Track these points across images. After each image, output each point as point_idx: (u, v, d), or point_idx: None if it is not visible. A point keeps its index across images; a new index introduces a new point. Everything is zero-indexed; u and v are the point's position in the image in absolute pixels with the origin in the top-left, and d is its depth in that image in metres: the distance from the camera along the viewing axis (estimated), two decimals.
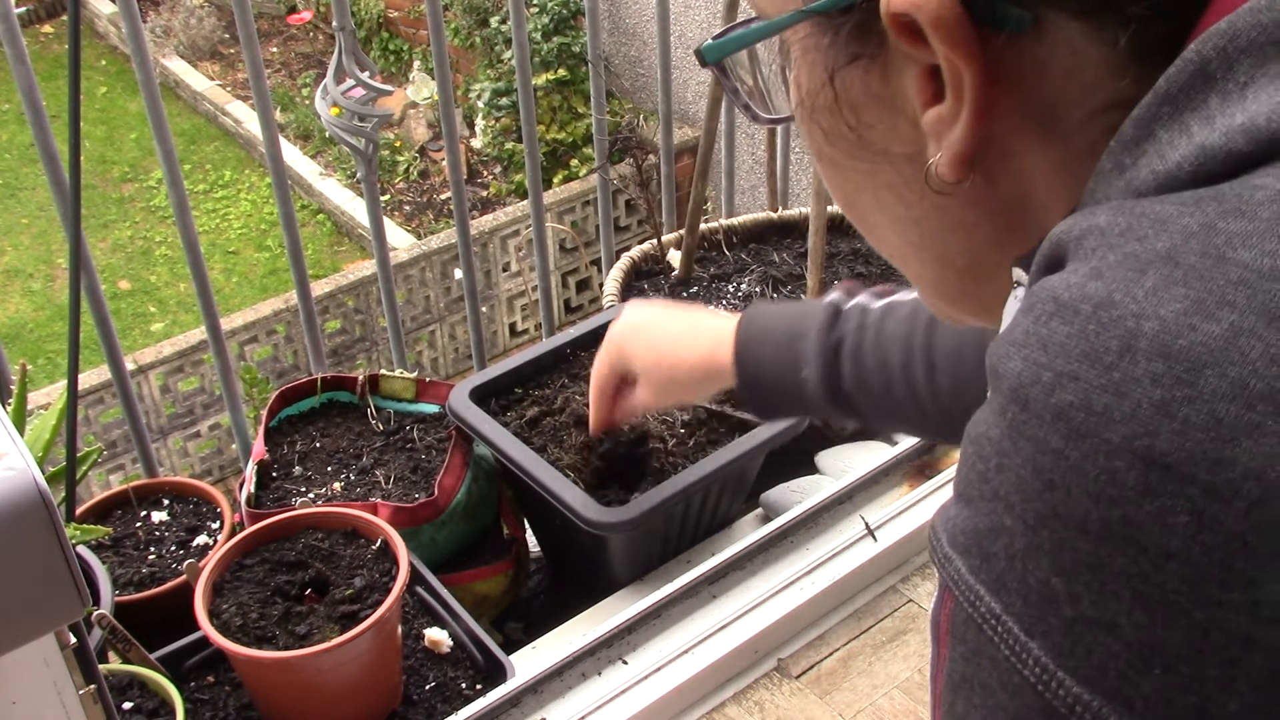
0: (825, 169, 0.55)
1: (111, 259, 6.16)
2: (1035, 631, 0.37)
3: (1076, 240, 0.40)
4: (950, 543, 0.41)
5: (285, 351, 4.93)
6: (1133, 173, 0.41)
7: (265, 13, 7.61)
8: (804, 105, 0.52)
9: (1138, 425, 0.35)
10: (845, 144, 0.51)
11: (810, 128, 0.53)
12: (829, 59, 0.49)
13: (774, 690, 1.35)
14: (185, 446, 4.75)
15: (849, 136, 0.50)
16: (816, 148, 0.54)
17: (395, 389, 1.63)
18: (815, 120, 0.52)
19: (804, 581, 1.42)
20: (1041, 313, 0.38)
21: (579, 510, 1.36)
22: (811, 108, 0.51)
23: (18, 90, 1.44)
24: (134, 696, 1.23)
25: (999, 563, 0.38)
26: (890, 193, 0.51)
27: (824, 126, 0.51)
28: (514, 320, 5.48)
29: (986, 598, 0.39)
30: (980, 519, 0.39)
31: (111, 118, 7.14)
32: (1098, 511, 0.35)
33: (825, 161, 0.54)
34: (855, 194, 0.54)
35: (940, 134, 0.46)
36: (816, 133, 0.52)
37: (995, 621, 0.38)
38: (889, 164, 0.50)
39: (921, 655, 1.38)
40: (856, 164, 0.52)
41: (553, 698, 1.30)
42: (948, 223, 0.50)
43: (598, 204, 2.27)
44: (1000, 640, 0.38)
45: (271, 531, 1.30)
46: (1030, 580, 0.37)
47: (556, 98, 5.76)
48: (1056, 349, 0.37)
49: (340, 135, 1.76)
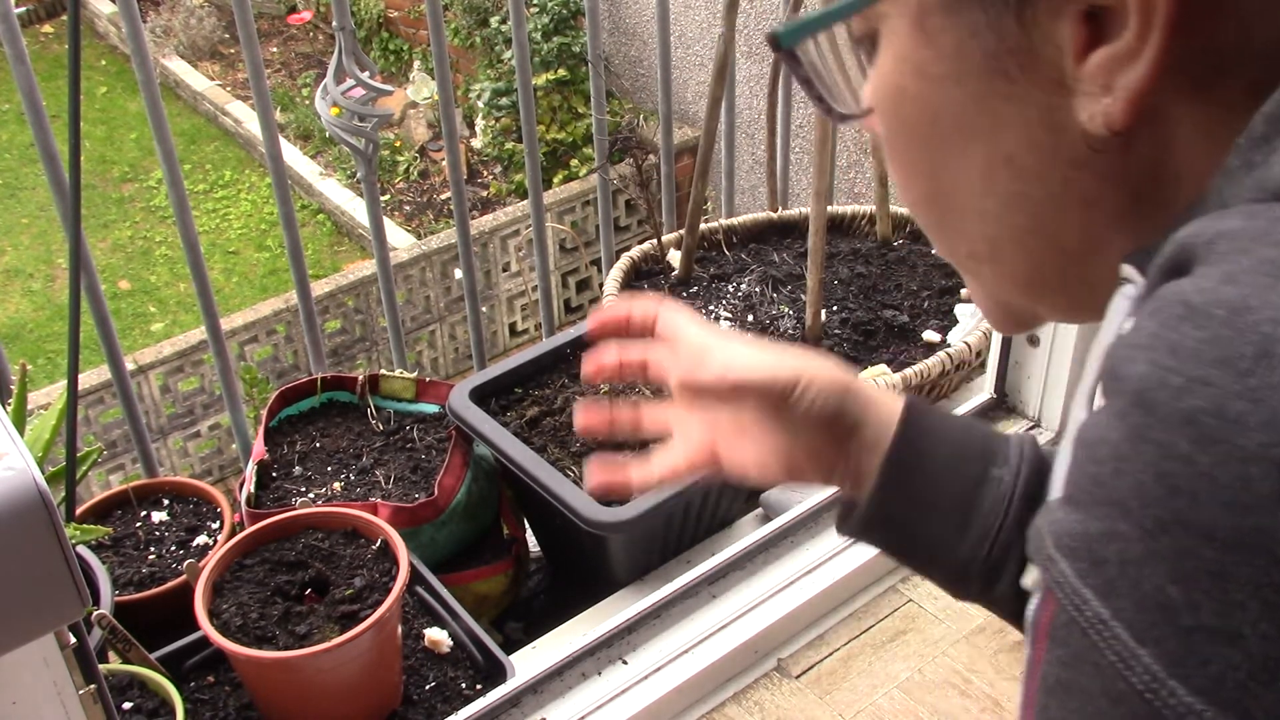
0: (916, 153, 0.51)
1: (111, 259, 6.16)
2: (1147, 639, 0.36)
3: (1207, 244, 0.39)
4: (1056, 545, 0.40)
5: (285, 351, 4.93)
6: (1263, 171, 0.40)
7: (265, 13, 7.61)
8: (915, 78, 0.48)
9: (1274, 432, 0.34)
10: (964, 113, 0.48)
11: (913, 105, 0.49)
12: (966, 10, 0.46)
13: (774, 690, 1.35)
14: (185, 446, 4.75)
15: (975, 99, 0.47)
16: (914, 127, 0.50)
17: (395, 389, 1.63)
18: (926, 93, 0.48)
19: (804, 581, 1.42)
20: (1170, 316, 0.37)
21: (579, 510, 1.36)
22: (930, 76, 0.48)
23: (18, 90, 1.44)
24: (134, 696, 1.23)
25: (1110, 568, 0.37)
26: (1008, 168, 0.48)
27: (937, 96, 0.48)
28: (514, 320, 5.47)
29: (1094, 602, 0.38)
30: (1092, 523, 0.38)
31: (111, 118, 7.14)
32: (1228, 519, 0.34)
33: (921, 142, 0.50)
34: (955, 177, 0.50)
35: (1112, 75, 0.43)
36: (922, 108, 0.49)
37: (1102, 626, 0.37)
38: (1015, 130, 0.47)
39: (920, 655, 1.38)
40: (970, 137, 0.48)
41: (553, 698, 1.30)
42: (1071, 198, 0.48)
43: (598, 204, 2.27)
44: (1106, 646, 0.37)
45: (271, 531, 1.30)
46: (1145, 587, 0.36)
47: (556, 98, 5.75)
48: (1187, 354, 0.36)
49: (340, 135, 1.76)
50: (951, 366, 1.68)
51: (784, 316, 1.82)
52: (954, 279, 1.91)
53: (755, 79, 5.10)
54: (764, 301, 1.85)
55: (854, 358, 1.76)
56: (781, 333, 1.78)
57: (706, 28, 5.31)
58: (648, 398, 1.55)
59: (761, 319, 1.82)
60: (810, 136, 2.33)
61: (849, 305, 1.84)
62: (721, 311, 1.85)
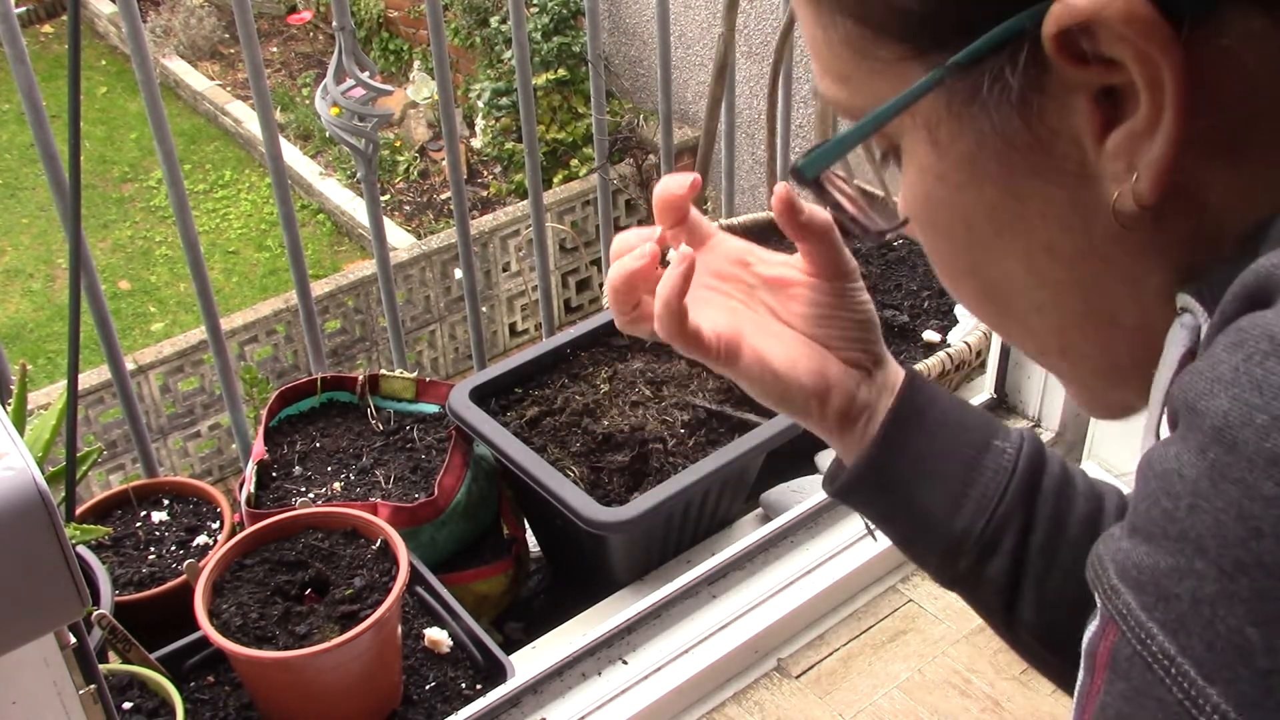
0: (958, 257, 0.51)
1: (111, 259, 6.16)
2: (1217, 679, 0.35)
3: None
4: (1120, 575, 0.39)
5: (285, 351, 4.93)
6: None
7: (265, 13, 7.61)
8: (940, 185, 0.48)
9: None
10: (995, 213, 0.47)
11: (944, 212, 0.49)
12: (971, 119, 0.45)
13: (774, 690, 1.35)
14: (185, 446, 4.75)
15: (1001, 200, 0.47)
16: (950, 232, 0.50)
17: (395, 389, 1.63)
18: (954, 199, 0.48)
19: (804, 581, 1.42)
20: (1254, 350, 0.36)
21: (579, 510, 1.36)
22: (954, 183, 0.48)
23: (18, 90, 1.44)
24: (134, 696, 1.23)
25: (1180, 604, 0.37)
26: (1049, 256, 0.48)
27: (965, 201, 0.48)
28: (514, 320, 5.47)
29: (1160, 637, 0.37)
30: (1162, 557, 0.37)
31: (111, 118, 7.14)
32: None
33: (961, 246, 0.50)
34: (1001, 275, 0.50)
35: (1134, 153, 0.42)
36: (953, 213, 0.49)
37: (1169, 663, 0.37)
38: (1047, 219, 0.47)
39: (920, 654, 1.38)
40: (1007, 235, 0.48)
41: (553, 698, 1.30)
42: (1115, 277, 0.47)
43: (598, 204, 2.27)
44: (1173, 682, 0.37)
45: (271, 531, 1.30)
46: (1219, 627, 0.35)
47: (556, 98, 5.75)
48: (1275, 391, 0.35)
49: (340, 135, 1.76)
50: (951, 366, 1.68)
51: None
52: None
53: (755, 79, 5.10)
54: None
55: None
56: None
57: (706, 28, 5.31)
58: (648, 396, 1.55)
59: None
60: (810, 137, 2.33)
61: None
62: None
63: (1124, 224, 0.44)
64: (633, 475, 1.46)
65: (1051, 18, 0.41)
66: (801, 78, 4.18)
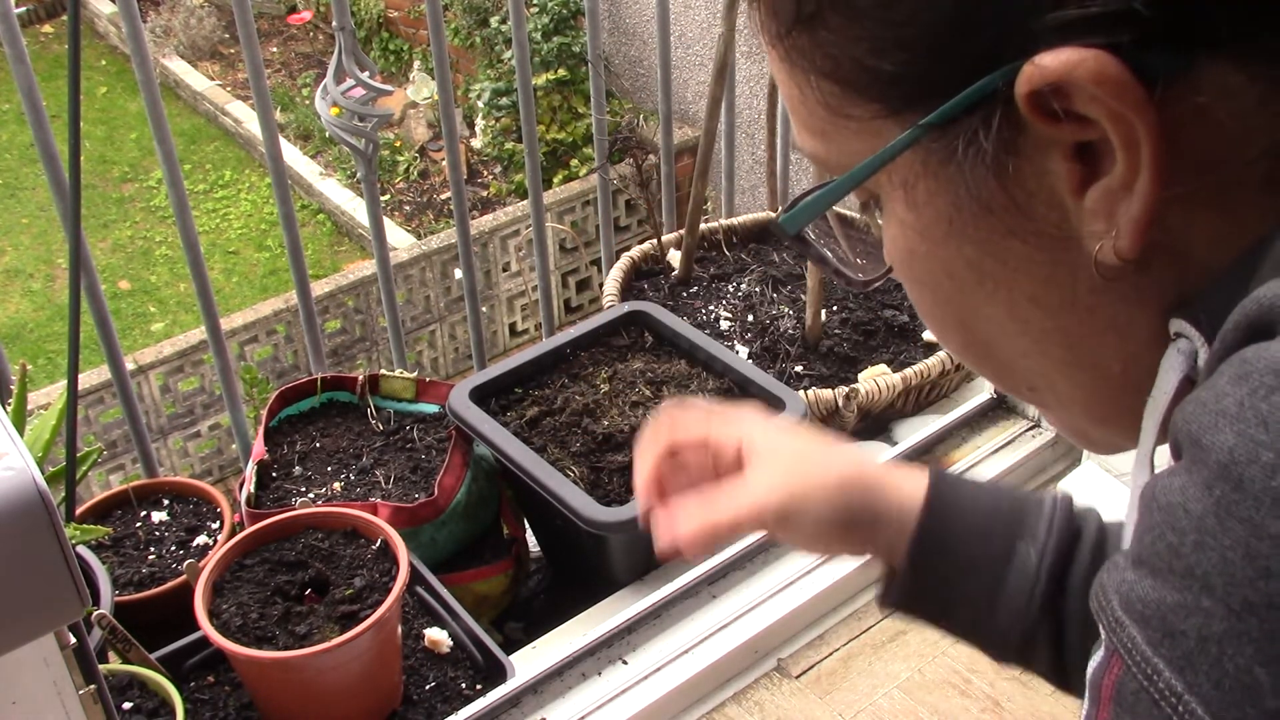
0: (942, 307, 0.51)
1: (111, 259, 6.16)
2: (1226, 718, 0.35)
3: None
4: (1125, 608, 0.38)
5: (285, 351, 4.93)
6: None
7: (265, 13, 7.61)
8: (920, 240, 0.48)
9: None
10: (976, 266, 0.47)
11: (926, 265, 0.49)
12: (948, 179, 0.45)
13: (774, 690, 1.35)
14: (185, 446, 4.75)
15: (981, 255, 0.47)
16: (933, 283, 0.50)
17: (395, 389, 1.63)
18: (935, 253, 0.48)
19: (804, 581, 1.42)
20: (1260, 385, 0.36)
21: (579, 510, 1.36)
22: (934, 239, 0.48)
23: (18, 90, 1.44)
24: (134, 696, 1.23)
25: (1187, 641, 0.36)
26: (1032, 306, 0.47)
27: (946, 255, 0.48)
28: (514, 320, 5.47)
29: (1167, 674, 0.37)
30: (1168, 593, 0.37)
31: (111, 118, 7.14)
32: None
33: (944, 297, 0.50)
34: (986, 323, 0.50)
35: (1112, 209, 0.42)
36: (934, 265, 0.49)
37: (1176, 700, 0.36)
38: (1029, 272, 0.46)
39: (920, 654, 1.38)
40: (989, 285, 0.48)
41: (553, 698, 1.30)
42: (1099, 325, 0.47)
43: (598, 204, 2.27)
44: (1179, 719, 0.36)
45: (271, 531, 1.30)
46: (1227, 666, 0.35)
47: (556, 98, 5.75)
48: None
49: (340, 135, 1.76)
50: (951, 366, 1.68)
51: (784, 316, 1.82)
52: None
53: (755, 79, 5.10)
54: (764, 301, 1.85)
55: (854, 357, 1.76)
56: (781, 333, 1.78)
57: (706, 28, 5.31)
58: (648, 396, 1.55)
59: (761, 319, 1.82)
60: None
61: (849, 305, 1.84)
62: (721, 311, 1.85)
63: (1106, 276, 0.44)
64: (633, 475, 1.46)
65: (1023, 78, 0.41)
66: None
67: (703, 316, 1.85)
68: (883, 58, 0.44)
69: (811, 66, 0.47)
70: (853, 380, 1.69)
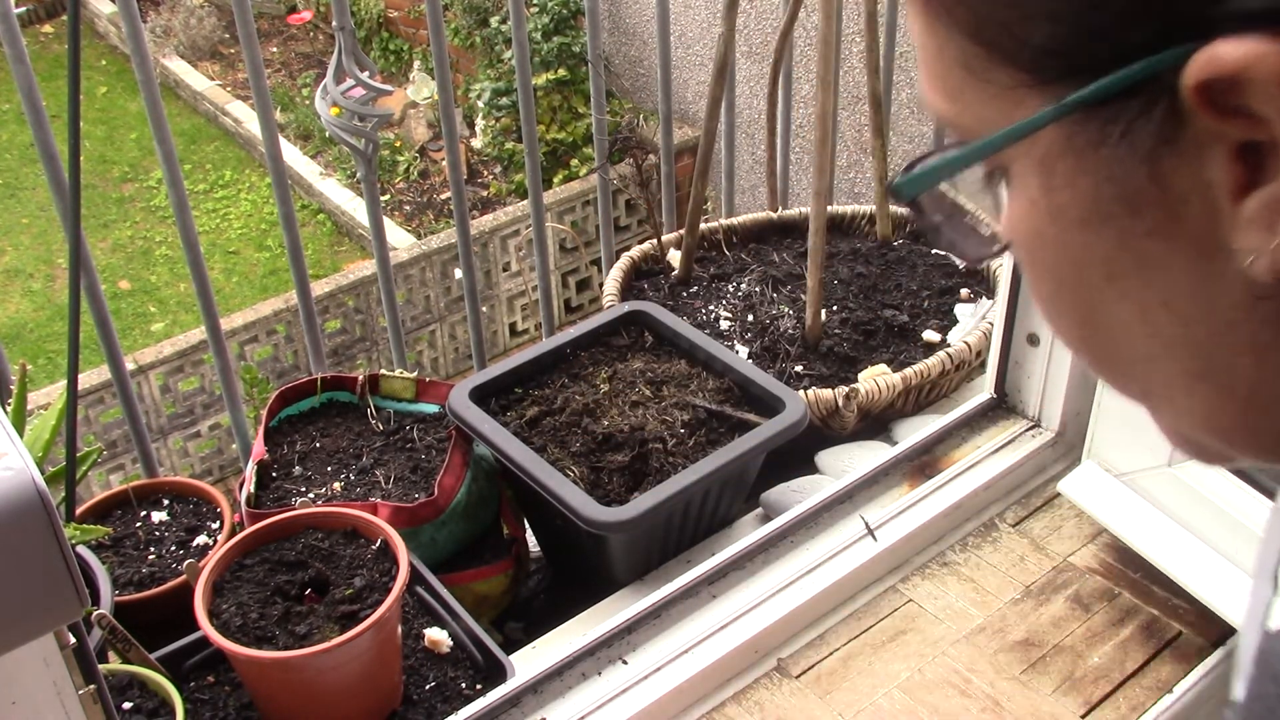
0: (1063, 298, 0.47)
1: (111, 259, 6.16)
2: None
3: None
4: None
5: (285, 351, 4.93)
6: None
7: (265, 13, 7.61)
8: (1050, 224, 0.45)
9: None
10: (1109, 261, 0.44)
11: (1052, 251, 0.46)
12: (1092, 163, 0.42)
13: (774, 690, 1.35)
14: (185, 446, 4.75)
15: (1117, 251, 0.43)
16: (1058, 272, 0.46)
17: (395, 389, 1.63)
18: (1065, 239, 0.44)
19: (804, 581, 1.42)
20: None
21: (579, 510, 1.36)
22: (1066, 224, 0.44)
23: (18, 90, 1.44)
24: (134, 696, 1.23)
25: None
26: (1165, 311, 0.43)
27: (1077, 244, 0.44)
28: (514, 320, 5.48)
29: None
30: None
31: (111, 118, 7.14)
32: None
33: (1068, 288, 0.47)
34: (1110, 321, 0.46)
35: (1273, 221, 0.38)
36: (1062, 253, 0.45)
37: None
38: (1167, 276, 0.42)
39: (920, 654, 1.38)
40: (1120, 284, 0.44)
41: (553, 698, 1.30)
42: (1237, 344, 0.43)
43: (598, 204, 2.27)
44: None
45: (271, 531, 1.30)
46: None
47: (556, 98, 5.75)
48: None
49: (340, 135, 1.76)
50: (951, 366, 1.68)
51: (784, 316, 1.82)
52: (954, 279, 1.91)
53: (755, 79, 5.10)
54: (764, 301, 1.85)
55: (854, 358, 1.76)
56: (781, 333, 1.78)
57: (706, 28, 5.31)
58: (648, 396, 1.55)
59: (761, 319, 1.82)
60: (810, 136, 2.34)
61: (849, 305, 1.84)
62: (721, 311, 1.85)
63: (1255, 293, 0.40)
64: (633, 475, 1.46)
65: (1195, 66, 0.37)
66: (802, 78, 4.17)
67: (703, 316, 1.85)
68: (1034, 27, 0.41)
69: (954, 23, 0.44)
70: (853, 380, 1.69)
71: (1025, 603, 1.44)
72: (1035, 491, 1.59)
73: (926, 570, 1.48)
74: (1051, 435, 1.60)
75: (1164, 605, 1.43)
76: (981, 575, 1.48)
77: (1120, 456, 1.47)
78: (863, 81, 2.95)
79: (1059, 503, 1.56)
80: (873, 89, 1.93)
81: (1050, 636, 1.39)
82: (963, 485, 1.54)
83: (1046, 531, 1.53)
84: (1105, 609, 1.43)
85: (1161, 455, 1.41)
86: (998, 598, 1.44)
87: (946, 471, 1.56)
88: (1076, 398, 1.56)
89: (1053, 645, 1.38)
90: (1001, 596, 1.44)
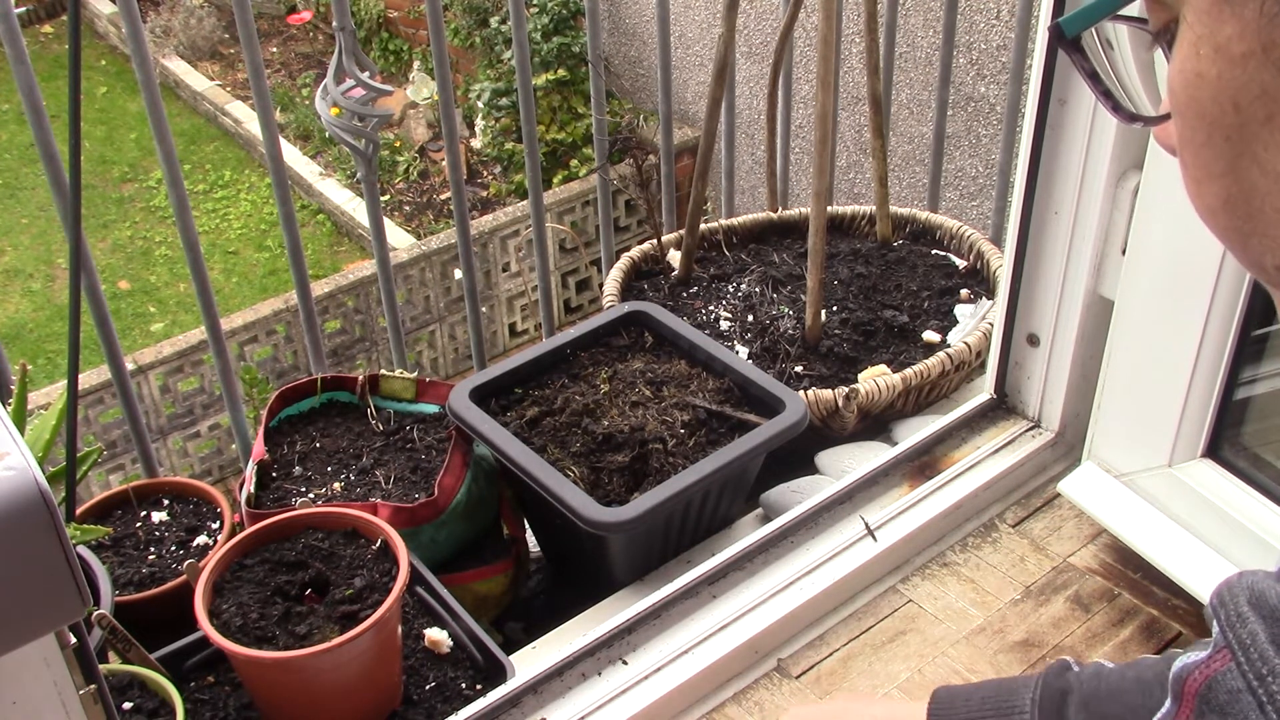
0: (1214, 147, 0.46)
1: (111, 259, 6.16)
2: None
3: None
4: (1253, 603, 0.36)
5: (285, 351, 4.93)
6: None
7: (265, 13, 7.61)
8: (1214, 60, 0.44)
9: None
10: (1270, 98, 0.43)
11: (1212, 91, 0.44)
12: None
13: (774, 690, 1.35)
14: (185, 446, 4.75)
15: (1277, 88, 0.42)
16: (1214, 115, 0.45)
17: (395, 389, 1.63)
18: (1227, 75, 0.44)
19: (804, 581, 1.42)
20: None
21: (579, 510, 1.36)
22: (1230, 57, 0.43)
23: (18, 90, 1.44)
24: (134, 696, 1.23)
25: None
26: None
27: (1239, 80, 0.43)
28: (514, 320, 5.48)
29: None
30: None
31: (111, 118, 7.14)
32: None
33: (1221, 134, 0.45)
34: (1258, 171, 0.45)
35: None
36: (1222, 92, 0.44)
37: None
38: None
39: (920, 654, 1.38)
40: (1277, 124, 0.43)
41: (553, 698, 1.30)
42: None
43: (598, 204, 2.27)
44: None
45: (271, 532, 1.30)
46: None
47: (556, 98, 5.75)
48: None
49: (340, 135, 1.76)
50: (951, 366, 1.68)
51: (784, 316, 1.82)
52: (954, 279, 1.91)
53: (755, 79, 5.10)
54: (764, 301, 1.86)
55: (854, 358, 1.76)
56: (781, 333, 1.78)
57: (706, 28, 5.31)
58: (648, 396, 1.55)
59: (761, 319, 1.82)
60: (810, 136, 2.34)
61: (849, 305, 1.84)
62: (721, 311, 1.85)
63: None
64: (633, 475, 1.46)
65: None
66: (802, 78, 4.18)
67: (703, 316, 1.85)
68: None
69: None
70: (852, 380, 1.69)
71: (1025, 603, 1.44)
72: (1035, 492, 1.59)
73: (926, 571, 1.48)
74: (1051, 436, 1.60)
75: (1164, 605, 1.43)
76: (981, 576, 1.48)
77: (1120, 457, 1.47)
78: (863, 81, 2.95)
79: (1059, 503, 1.56)
80: (873, 89, 1.93)
81: (1050, 637, 1.39)
82: (963, 486, 1.54)
83: (1046, 532, 1.53)
84: (1105, 609, 1.43)
85: (1162, 456, 1.41)
86: (998, 598, 1.44)
87: (946, 472, 1.56)
88: (1076, 398, 1.56)
89: (1053, 646, 1.38)
90: (1001, 597, 1.44)
